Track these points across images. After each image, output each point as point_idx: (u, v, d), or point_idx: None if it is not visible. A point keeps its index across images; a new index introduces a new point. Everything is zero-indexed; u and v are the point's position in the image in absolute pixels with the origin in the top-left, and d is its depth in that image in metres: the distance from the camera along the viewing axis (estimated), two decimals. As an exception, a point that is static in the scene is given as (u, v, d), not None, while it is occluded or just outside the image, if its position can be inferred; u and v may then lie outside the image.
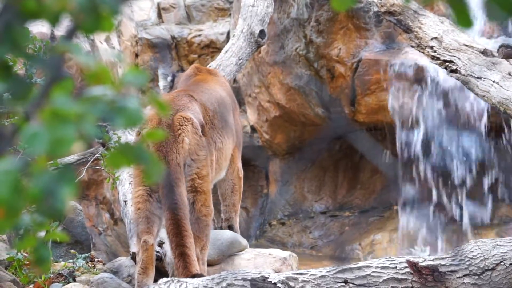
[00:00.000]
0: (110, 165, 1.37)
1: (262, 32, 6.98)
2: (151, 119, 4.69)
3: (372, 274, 3.94)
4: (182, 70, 8.57)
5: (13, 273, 5.41)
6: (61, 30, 1.52)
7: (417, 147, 7.44)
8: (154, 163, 1.45)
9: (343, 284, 3.90)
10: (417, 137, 7.43)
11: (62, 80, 1.38)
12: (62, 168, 1.29)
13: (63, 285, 5.35)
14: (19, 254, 5.26)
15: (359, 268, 3.96)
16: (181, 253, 4.43)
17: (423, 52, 5.90)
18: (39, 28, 5.84)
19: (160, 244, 5.50)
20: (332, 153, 8.42)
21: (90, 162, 5.57)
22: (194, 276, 4.32)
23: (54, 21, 1.36)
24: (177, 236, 4.48)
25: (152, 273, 4.67)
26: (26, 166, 1.29)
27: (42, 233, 1.78)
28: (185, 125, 4.72)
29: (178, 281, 3.69)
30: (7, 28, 1.34)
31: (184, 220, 4.53)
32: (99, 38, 7.03)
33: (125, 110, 1.42)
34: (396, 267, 3.97)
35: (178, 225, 4.49)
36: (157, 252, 5.40)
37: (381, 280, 3.92)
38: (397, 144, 7.48)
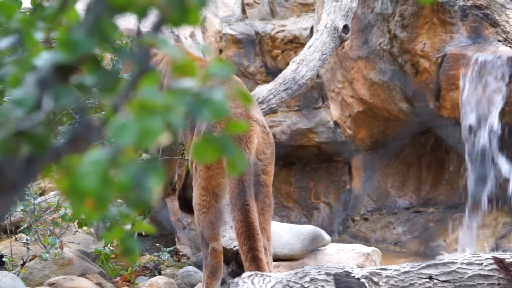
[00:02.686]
0: (195, 157, 1.38)
1: (345, 27, 6.94)
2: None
3: (457, 270, 3.88)
4: (265, 65, 8.59)
5: (100, 266, 5.52)
6: (147, 26, 1.54)
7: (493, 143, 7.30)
8: (238, 154, 1.46)
9: (427, 280, 3.85)
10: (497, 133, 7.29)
11: (149, 73, 1.40)
12: (149, 159, 1.31)
13: (149, 278, 5.43)
14: (106, 248, 5.36)
15: (444, 264, 3.91)
16: (254, 257, 4.42)
17: (510, 47, 5.78)
18: (125, 24, 5.94)
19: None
20: (416, 149, 8.33)
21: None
22: None
23: (141, 14, 1.38)
24: (249, 239, 4.47)
25: (220, 276, 4.70)
26: (114, 157, 1.31)
27: (128, 226, 1.81)
28: (254, 125, 4.75)
29: (262, 275, 3.71)
30: (97, 21, 1.36)
31: (256, 223, 4.52)
32: (184, 33, 7.10)
33: (211, 102, 1.43)
34: (482, 263, 3.91)
35: (250, 228, 4.48)
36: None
37: (466, 277, 3.86)
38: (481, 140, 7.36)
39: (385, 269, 3.91)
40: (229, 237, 5.58)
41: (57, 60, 1.38)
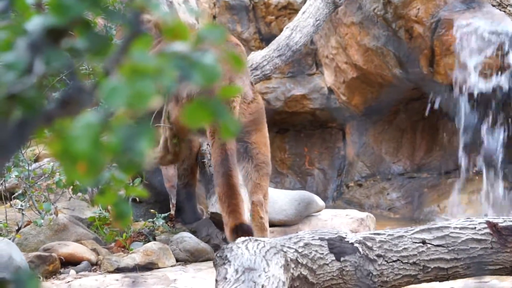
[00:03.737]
0: (189, 121, 1.39)
1: (339, -8, 6.90)
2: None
3: (451, 234, 3.90)
4: (259, 32, 8.56)
5: (95, 232, 5.54)
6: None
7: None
8: (231, 118, 1.46)
9: (421, 244, 3.88)
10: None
11: (141, 36, 1.39)
12: (140, 121, 1.31)
13: (144, 243, 5.46)
14: (103, 211, 5.39)
15: (438, 228, 3.93)
16: (233, 210, 4.50)
17: (504, 11, 5.77)
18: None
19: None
20: (410, 114, 8.34)
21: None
22: (242, 224, 4.40)
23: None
24: (230, 198, 4.58)
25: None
26: (105, 120, 1.31)
27: (121, 192, 1.81)
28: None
29: (256, 240, 3.72)
30: (86, -16, 1.36)
31: (237, 186, 4.60)
32: (178, 0, 7.06)
33: (202, 66, 1.42)
34: (475, 227, 3.93)
35: (231, 189, 4.60)
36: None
37: (460, 241, 3.89)
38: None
39: (378, 234, 3.93)
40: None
41: (48, 24, 1.38)
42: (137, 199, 5.94)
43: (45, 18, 1.39)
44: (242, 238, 3.78)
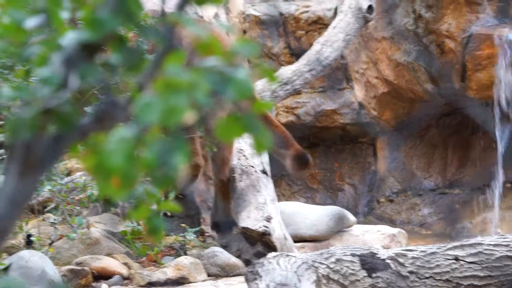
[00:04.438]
0: (220, 136, 1.39)
1: (370, 7, 6.91)
2: None
3: (484, 251, 3.86)
4: (289, 46, 8.57)
5: (126, 246, 5.55)
6: (171, 7, 1.54)
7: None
8: (264, 132, 1.46)
9: (454, 261, 3.84)
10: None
11: (174, 51, 1.40)
12: (174, 136, 1.31)
13: (175, 258, 5.46)
14: (135, 224, 5.40)
15: (471, 245, 3.89)
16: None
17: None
18: (150, 5, 5.94)
19: (268, 219, 5.55)
20: (441, 130, 8.29)
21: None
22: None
23: (166, -8, 1.38)
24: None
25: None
26: (140, 135, 1.31)
27: (154, 207, 1.82)
28: None
29: (287, 255, 3.71)
30: (122, 0, 1.37)
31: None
32: (208, 14, 7.09)
33: (235, 81, 1.43)
34: (509, 244, 3.88)
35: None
36: (266, 227, 5.45)
37: (493, 258, 3.85)
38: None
39: (411, 250, 3.90)
40: (254, 218, 5.60)
41: (82, 39, 1.39)
42: (168, 213, 5.95)
43: (80, 33, 1.41)
44: (274, 253, 3.77)
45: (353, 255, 3.78)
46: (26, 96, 1.38)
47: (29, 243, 5.20)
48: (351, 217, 6.04)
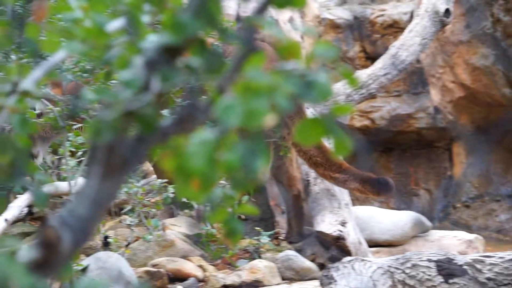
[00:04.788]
0: (299, 140, 1.38)
1: (447, 11, 6.83)
2: None
3: None
4: (364, 50, 8.53)
5: (201, 248, 5.59)
6: (246, 11, 1.54)
7: None
8: (344, 136, 1.45)
9: (533, 268, 3.77)
10: None
11: (254, 54, 1.40)
12: (255, 139, 1.31)
13: (249, 261, 5.47)
14: (211, 228, 5.44)
15: (550, 252, 3.82)
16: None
17: None
18: (225, 9, 5.98)
19: (343, 223, 5.53)
20: (520, 135, 8.15)
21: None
22: None
23: (247, -5, 1.38)
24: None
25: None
26: (221, 138, 1.32)
27: (230, 209, 1.82)
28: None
29: (362, 260, 3.69)
30: (203, 3, 1.38)
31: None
32: (283, 18, 7.10)
33: (316, 84, 1.42)
34: None
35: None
36: (340, 231, 5.43)
37: None
38: None
39: (488, 257, 3.84)
40: (328, 222, 5.58)
41: (164, 42, 1.40)
42: (242, 216, 5.97)
43: (161, 36, 1.42)
44: (349, 258, 3.75)
45: (429, 260, 3.74)
46: (108, 99, 1.39)
47: (106, 245, 5.28)
48: (427, 222, 5.97)
